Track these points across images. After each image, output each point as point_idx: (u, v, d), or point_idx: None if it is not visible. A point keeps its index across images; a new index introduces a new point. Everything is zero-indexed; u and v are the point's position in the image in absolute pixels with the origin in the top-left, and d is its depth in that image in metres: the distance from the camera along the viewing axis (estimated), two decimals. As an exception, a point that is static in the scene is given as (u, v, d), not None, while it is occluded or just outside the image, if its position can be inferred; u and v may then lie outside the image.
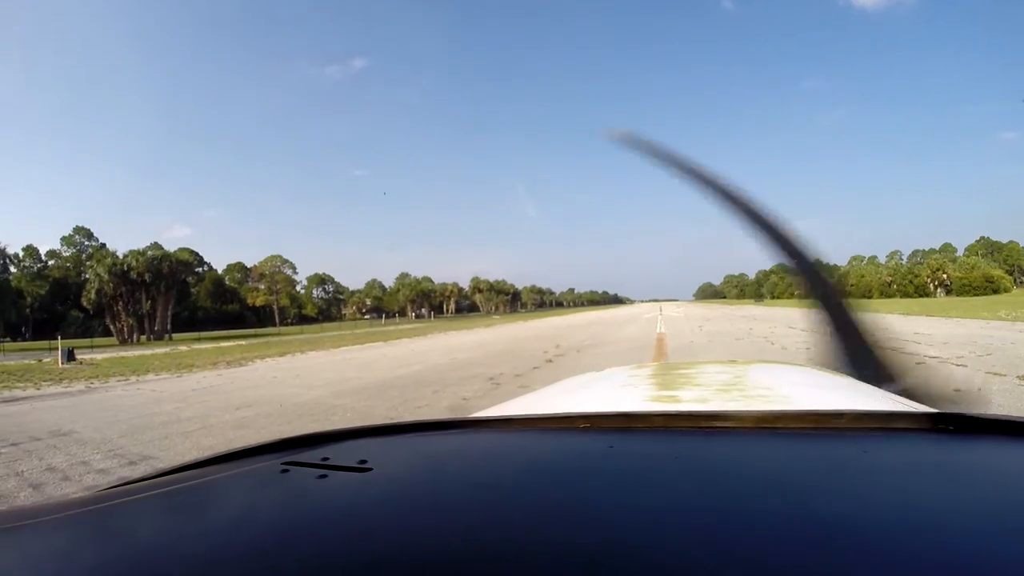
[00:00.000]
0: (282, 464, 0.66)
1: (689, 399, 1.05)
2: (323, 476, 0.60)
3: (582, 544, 0.40)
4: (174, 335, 52.29)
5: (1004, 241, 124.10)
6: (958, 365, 8.63)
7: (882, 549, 0.36)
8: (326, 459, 0.66)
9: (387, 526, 0.47)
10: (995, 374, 7.66)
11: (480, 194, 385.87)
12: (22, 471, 5.04)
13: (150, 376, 13.34)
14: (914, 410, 0.86)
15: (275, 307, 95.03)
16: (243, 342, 32.94)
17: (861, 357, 1.29)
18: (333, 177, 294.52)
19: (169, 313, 53.18)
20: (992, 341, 12.10)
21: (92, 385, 11.83)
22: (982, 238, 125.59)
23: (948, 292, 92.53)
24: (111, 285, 48.67)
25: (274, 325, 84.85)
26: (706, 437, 0.64)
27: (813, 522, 0.41)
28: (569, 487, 0.53)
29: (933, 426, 0.62)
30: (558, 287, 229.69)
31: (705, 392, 1.11)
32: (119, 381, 12.46)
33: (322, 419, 6.81)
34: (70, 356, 19.06)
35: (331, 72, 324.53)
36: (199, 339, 43.14)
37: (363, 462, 0.62)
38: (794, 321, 24.73)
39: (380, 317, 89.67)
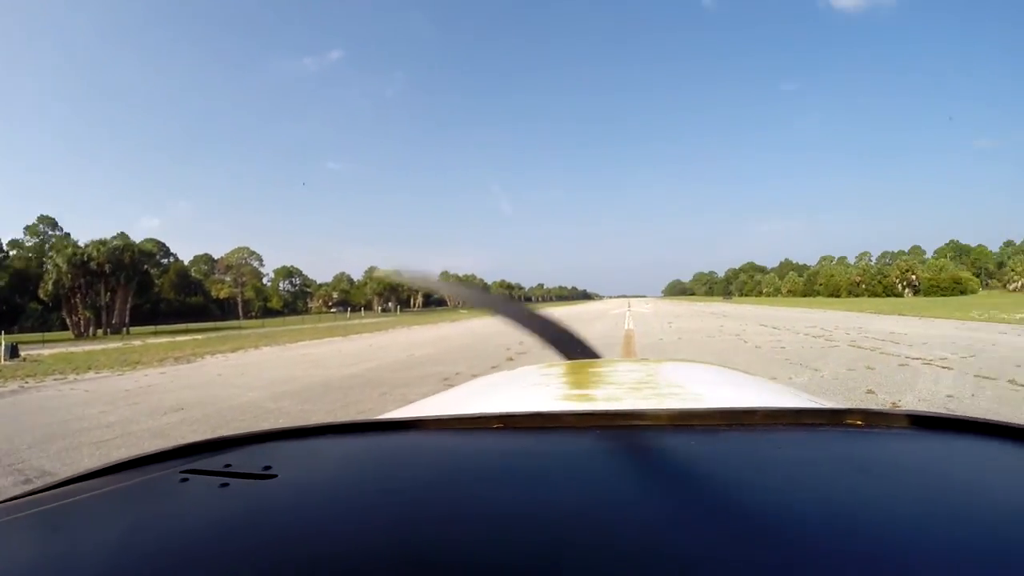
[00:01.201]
0: (181, 472, 0.61)
1: (602, 397, 1.03)
2: (225, 485, 0.56)
3: (497, 546, 0.40)
4: (133, 328, 50.50)
5: (973, 245, 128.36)
6: (943, 367, 8.46)
7: (798, 541, 0.37)
8: (228, 466, 0.61)
9: (292, 536, 0.44)
10: (983, 377, 7.47)
11: (452, 189, 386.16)
12: (-100, 489, 4.54)
13: (90, 374, 12.65)
14: (822, 406, 0.85)
15: (239, 300, 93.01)
16: (200, 336, 32.00)
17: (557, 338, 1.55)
18: (308, 170, 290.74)
19: (128, 306, 51.29)
20: (971, 342, 12.09)
21: (25, 385, 11.12)
22: (951, 241, 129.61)
23: (916, 292, 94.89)
24: (69, 276, 46.65)
25: (238, 318, 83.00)
26: (621, 435, 0.63)
27: (730, 516, 0.42)
28: (483, 489, 0.52)
29: (841, 421, 0.64)
30: (528, 282, 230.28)
31: (618, 390, 1.08)
32: (56, 380, 11.77)
33: (252, 426, 6.29)
34: (13, 352, 18.12)
35: (307, 64, 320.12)
36: (156, 333, 41.75)
37: (267, 468, 0.58)
38: (765, 319, 24.92)
39: (346, 310, 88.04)
